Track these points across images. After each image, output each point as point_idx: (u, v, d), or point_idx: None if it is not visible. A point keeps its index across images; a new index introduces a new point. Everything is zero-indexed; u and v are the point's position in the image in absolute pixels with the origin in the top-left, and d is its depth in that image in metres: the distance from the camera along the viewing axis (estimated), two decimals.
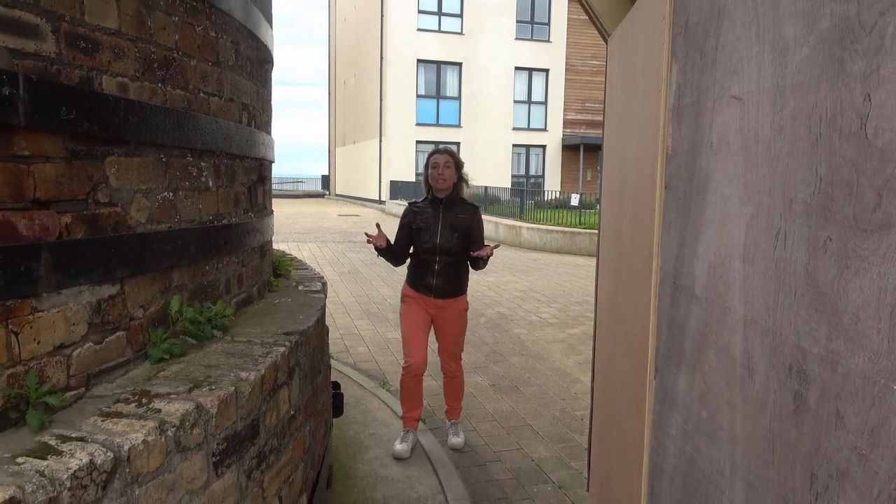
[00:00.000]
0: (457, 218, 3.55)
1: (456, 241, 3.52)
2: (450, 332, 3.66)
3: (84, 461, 1.14)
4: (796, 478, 1.16)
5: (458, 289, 3.64)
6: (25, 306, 1.32)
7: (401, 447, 3.56)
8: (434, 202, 3.60)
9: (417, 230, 3.55)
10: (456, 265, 3.57)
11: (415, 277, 3.62)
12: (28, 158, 1.36)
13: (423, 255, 3.55)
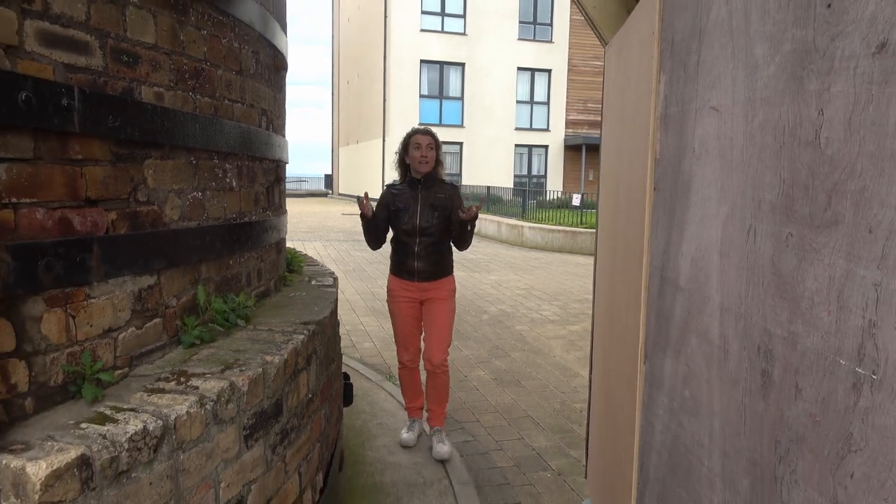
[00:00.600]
0: (436, 198, 3.47)
1: (437, 221, 3.43)
2: (438, 316, 3.53)
3: (138, 427, 1.30)
4: (763, 444, 1.32)
5: (443, 270, 3.55)
6: (80, 293, 1.48)
7: (407, 436, 3.67)
8: (412, 183, 3.52)
9: (396, 211, 3.48)
10: (437, 245, 3.48)
11: (397, 262, 3.57)
12: (81, 162, 1.53)
13: (403, 238, 3.49)
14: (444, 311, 3.54)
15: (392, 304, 3.61)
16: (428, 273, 3.49)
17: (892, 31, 0.97)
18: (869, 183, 1.03)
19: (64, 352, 1.43)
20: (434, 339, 3.55)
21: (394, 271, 3.61)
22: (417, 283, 3.50)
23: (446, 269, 3.59)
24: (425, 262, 3.47)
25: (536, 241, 14.62)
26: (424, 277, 3.49)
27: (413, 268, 3.48)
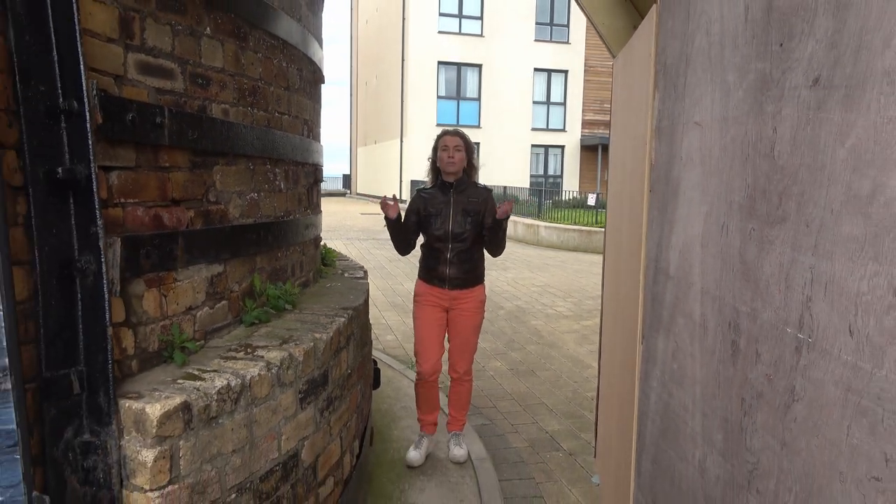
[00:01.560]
0: (469, 202, 3.33)
1: (469, 227, 3.30)
2: (465, 326, 3.42)
3: (223, 383, 1.62)
4: (732, 403, 1.60)
5: (475, 278, 3.42)
6: (170, 277, 1.80)
7: (414, 454, 3.46)
8: (444, 187, 3.38)
9: (427, 217, 3.34)
10: (470, 252, 3.35)
11: (427, 268, 3.42)
12: (168, 169, 1.85)
13: (435, 244, 3.34)
14: (471, 324, 3.43)
15: (418, 307, 3.46)
16: (460, 280, 3.36)
17: (822, 69, 1.26)
18: (806, 188, 1.31)
19: (158, 324, 1.75)
20: (460, 348, 3.46)
21: (423, 277, 3.46)
22: (448, 290, 3.36)
23: (478, 277, 3.46)
24: (457, 268, 3.33)
25: (552, 240, 14.86)
26: (456, 285, 3.36)
27: (444, 274, 3.34)
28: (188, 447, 1.51)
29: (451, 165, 3.33)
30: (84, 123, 1.44)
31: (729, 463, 1.62)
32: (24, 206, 1.40)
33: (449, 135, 3.42)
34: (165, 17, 1.84)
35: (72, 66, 1.44)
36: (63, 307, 1.44)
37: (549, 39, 25.66)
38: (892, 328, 1.08)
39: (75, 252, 1.46)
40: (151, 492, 1.43)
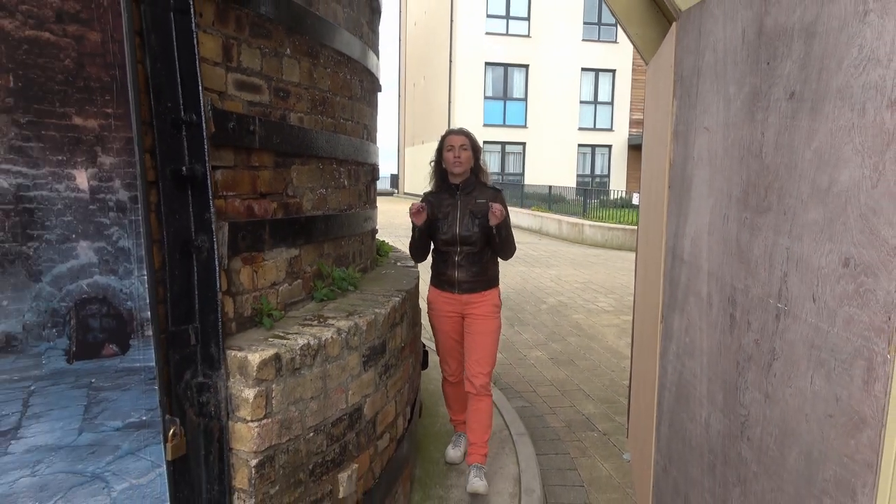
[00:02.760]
0: (476, 204, 3.19)
1: (478, 229, 3.16)
2: (480, 335, 3.23)
3: (304, 342, 1.99)
4: (730, 367, 1.88)
5: (486, 281, 3.28)
6: (259, 257, 2.19)
7: (453, 453, 3.52)
8: (450, 189, 3.27)
9: (435, 220, 3.23)
10: (479, 255, 3.22)
11: (437, 273, 3.34)
12: (257, 168, 2.23)
13: (443, 248, 3.25)
14: (487, 329, 3.25)
15: (432, 317, 3.41)
16: (469, 284, 3.23)
17: (796, 84, 1.54)
18: (784, 182, 1.59)
19: (251, 294, 2.14)
20: (475, 359, 3.23)
21: (434, 282, 3.39)
22: (458, 294, 3.25)
23: (490, 281, 3.31)
24: (466, 272, 3.23)
25: (596, 239, 15.00)
26: (466, 289, 3.24)
27: (453, 278, 3.24)
28: (279, 390, 1.88)
29: (457, 165, 3.20)
30: (201, 132, 1.82)
31: (727, 418, 1.90)
32: (156, 196, 1.79)
33: (454, 134, 3.28)
34: (256, 42, 2.22)
35: (192, 86, 1.83)
36: (183, 277, 1.83)
37: (596, 39, 25.66)
38: (841, 294, 1.36)
39: (193, 233, 1.84)
40: (252, 423, 1.81)
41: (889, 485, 1.25)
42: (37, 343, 1.47)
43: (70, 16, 1.54)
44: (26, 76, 1.47)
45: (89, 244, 1.55)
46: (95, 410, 1.55)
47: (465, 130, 3.34)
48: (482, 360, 3.23)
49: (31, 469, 1.44)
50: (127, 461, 1.59)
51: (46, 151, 1.49)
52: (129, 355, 1.62)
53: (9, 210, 1.43)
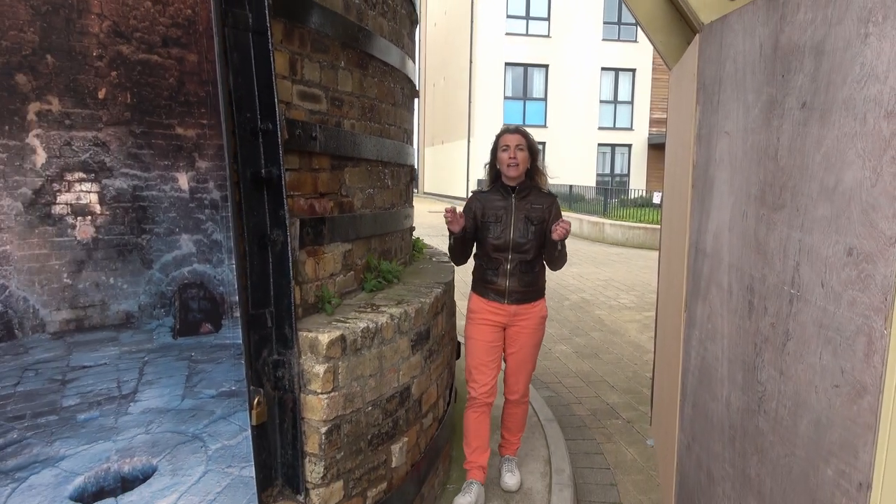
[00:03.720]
0: (532, 209, 3.02)
1: (532, 237, 3.00)
2: (525, 344, 3.08)
3: (364, 325, 2.22)
4: (748, 348, 2.08)
5: (536, 291, 3.10)
6: (320, 250, 2.43)
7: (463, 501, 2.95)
8: (504, 191, 3.05)
9: (486, 223, 3.03)
10: (532, 264, 3.03)
11: (483, 281, 3.09)
12: (317, 170, 2.47)
13: (493, 254, 3.02)
14: (532, 342, 3.11)
15: (471, 325, 3.11)
16: (520, 294, 3.03)
17: (807, 96, 1.74)
18: (798, 182, 1.79)
19: (313, 284, 2.38)
20: (519, 368, 3.13)
21: (478, 290, 3.13)
22: (507, 305, 3.03)
23: (540, 291, 3.13)
24: (518, 281, 3.01)
25: (617, 238, 15.12)
26: (516, 299, 3.03)
27: (504, 288, 3.02)
28: (344, 367, 2.12)
29: (512, 168, 2.98)
30: (276, 139, 2.07)
31: (746, 395, 2.10)
32: (238, 195, 2.04)
33: (510, 133, 3.05)
34: (316, 56, 2.46)
35: (268, 98, 2.07)
36: (261, 266, 2.07)
37: (616, 38, 25.71)
38: (846, 279, 1.56)
39: (268, 228, 2.09)
40: (321, 395, 2.05)
41: (886, 443, 1.46)
42: (149, 321, 1.72)
43: (173, 40, 1.79)
44: (140, 93, 1.72)
45: (189, 237, 1.80)
46: (195, 380, 1.79)
47: (522, 129, 3.08)
48: (525, 373, 3.13)
49: (145, 427, 1.69)
50: (220, 425, 1.84)
51: (155, 157, 1.74)
52: (221, 333, 1.86)
53: (127, 207, 1.68)
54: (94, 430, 1.57)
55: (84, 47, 1.58)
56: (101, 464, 1.58)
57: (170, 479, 1.69)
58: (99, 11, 1.60)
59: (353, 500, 2.22)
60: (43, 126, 1.53)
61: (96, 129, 1.62)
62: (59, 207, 1.57)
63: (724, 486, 2.28)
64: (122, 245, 1.66)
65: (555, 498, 3.04)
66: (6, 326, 1.47)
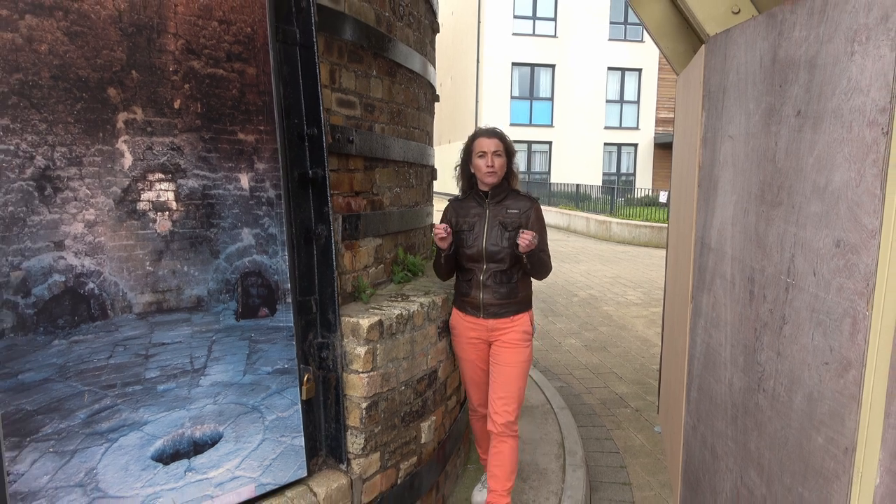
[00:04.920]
0: (507, 214, 2.76)
1: (507, 244, 2.71)
2: (506, 362, 2.76)
3: (399, 312, 2.44)
4: (749, 333, 2.29)
5: (516, 304, 2.80)
6: (356, 244, 2.65)
7: (479, 497, 3.05)
8: (478, 196, 2.86)
9: (460, 233, 2.80)
10: (508, 274, 2.76)
11: (460, 293, 2.86)
12: (353, 171, 2.69)
13: (467, 264, 2.80)
14: (514, 360, 2.78)
15: (454, 342, 2.92)
16: (497, 308, 2.77)
17: (802, 105, 1.95)
18: (794, 182, 2.00)
19: (351, 275, 2.60)
20: (499, 394, 2.77)
21: (457, 304, 2.90)
22: (484, 319, 2.77)
23: (521, 305, 2.83)
24: (493, 293, 2.76)
25: (623, 236, 15.31)
26: (492, 313, 2.77)
27: (478, 301, 2.77)
28: (381, 349, 2.34)
29: (490, 176, 2.77)
30: (321, 142, 2.29)
31: (747, 376, 2.31)
32: (286, 194, 2.26)
33: (485, 136, 2.82)
34: (352, 66, 2.68)
35: (313, 106, 2.29)
36: (306, 259, 2.29)
37: (622, 38, 25.88)
38: (834, 268, 1.77)
39: (313, 224, 2.31)
40: (362, 374, 2.27)
41: (868, 411, 1.66)
42: (216, 305, 1.94)
43: (236, 55, 2.01)
44: (208, 103, 1.94)
45: (249, 230, 2.02)
46: (254, 358, 2.02)
47: (499, 131, 2.87)
48: (507, 396, 2.76)
49: (213, 399, 1.91)
50: (275, 398, 2.06)
51: (221, 160, 1.97)
52: (276, 317, 2.09)
53: (198, 204, 1.90)
54: (171, 400, 1.79)
55: (162, 63, 1.80)
56: (177, 429, 1.80)
57: (233, 444, 1.90)
58: (174, 31, 1.82)
59: (388, 471, 2.44)
60: (129, 133, 1.75)
61: (172, 135, 1.84)
62: (143, 204, 1.79)
63: (727, 461, 2.49)
64: (194, 237, 1.88)
65: (568, 477, 3.25)
66: (100, 307, 1.69)
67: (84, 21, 1.69)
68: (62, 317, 1.64)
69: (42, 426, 1.60)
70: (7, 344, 1.55)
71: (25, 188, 1.59)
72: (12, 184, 1.57)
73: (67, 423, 1.64)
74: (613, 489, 3.42)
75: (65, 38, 1.66)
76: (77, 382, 1.65)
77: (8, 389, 1.55)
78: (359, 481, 2.28)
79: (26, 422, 1.58)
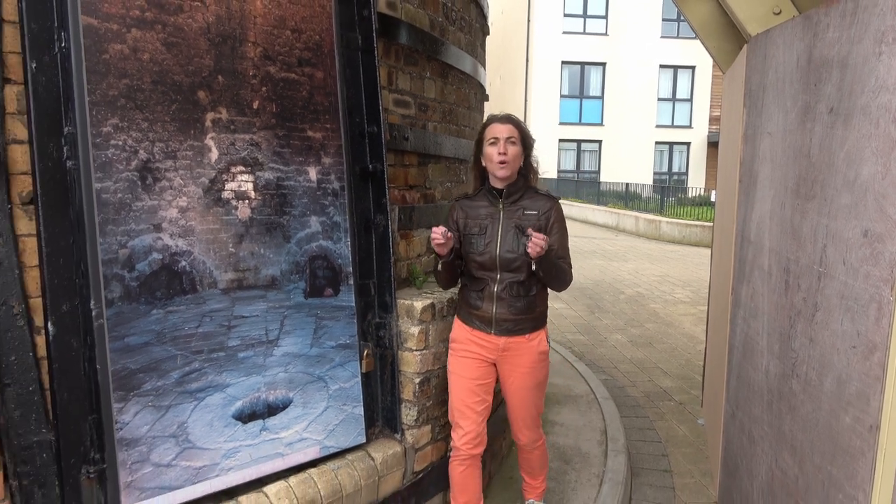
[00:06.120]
0: (525, 216, 2.43)
1: (524, 250, 2.33)
2: (520, 387, 2.50)
3: (448, 296, 2.63)
4: (784, 321, 2.39)
5: (533, 321, 2.48)
6: (411, 234, 2.85)
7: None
8: (491, 194, 2.49)
9: (469, 236, 2.47)
10: (526, 285, 2.42)
11: (467, 305, 2.49)
12: (408, 166, 2.89)
13: (477, 273, 2.45)
14: (531, 384, 2.51)
15: (452, 357, 2.53)
16: (511, 324, 2.44)
17: (834, 102, 2.05)
18: (826, 176, 2.10)
19: (405, 262, 2.81)
20: (520, 414, 2.58)
21: (461, 316, 2.54)
22: (495, 336, 2.44)
23: (538, 321, 2.51)
24: (508, 307, 2.42)
25: (673, 236, 15.16)
26: (506, 329, 2.44)
27: (489, 315, 2.43)
28: (433, 329, 2.54)
29: (502, 167, 2.39)
30: (380, 139, 2.49)
31: (781, 362, 2.41)
32: (349, 186, 2.47)
33: (499, 121, 2.46)
34: (407, 68, 2.89)
35: (373, 105, 2.50)
36: (366, 246, 2.51)
37: (675, 35, 25.47)
38: (862, 257, 1.87)
39: (372, 214, 2.52)
40: (415, 352, 2.47)
41: (891, 391, 1.76)
42: (288, 284, 2.17)
43: (306, 61, 2.24)
44: (282, 104, 2.17)
45: (317, 218, 2.25)
46: (320, 332, 2.24)
47: (514, 117, 2.51)
48: (528, 416, 2.57)
49: (284, 367, 2.14)
50: (338, 370, 2.28)
51: (293, 155, 2.19)
52: (339, 297, 2.30)
53: (273, 194, 2.14)
54: (249, 366, 2.02)
55: (243, 68, 2.04)
56: (254, 392, 2.03)
57: (301, 409, 2.13)
58: (254, 40, 2.05)
59: (438, 444, 2.64)
60: (216, 130, 1.99)
61: (252, 132, 2.07)
62: (227, 193, 2.02)
63: (763, 446, 2.59)
64: (269, 223, 2.11)
65: (610, 461, 3.39)
66: (191, 282, 1.93)
67: (179, 33, 1.94)
68: (159, 290, 1.89)
69: (143, 383, 1.85)
70: (116, 311, 1.81)
71: (131, 178, 1.85)
72: (121, 174, 1.83)
73: (163, 382, 1.89)
74: (654, 475, 3.54)
75: (163, 48, 1.91)
76: (171, 347, 1.90)
77: (116, 350, 1.80)
78: (411, 450, 2.48)
79: (130, 379, 1.83)
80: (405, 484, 2.48)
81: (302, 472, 2.17)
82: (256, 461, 2.06)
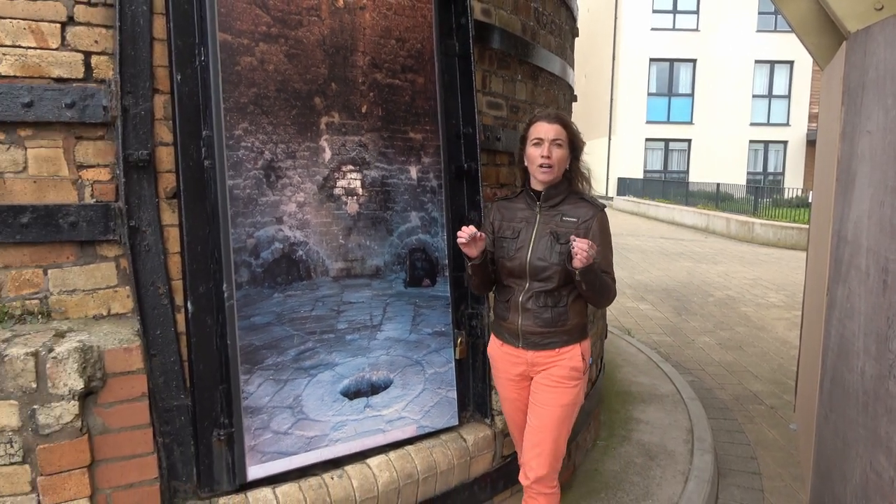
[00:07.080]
0: (562, 223, 2.20)
1: (557, 258, 2.15)
2: (544, 403, 2.23)
3: None
4: (881, 322, 2.36)
5: (564, 335, 2.22)
6: None
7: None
8: (529, 197, 2.29)
9: (501, 239, 2.28)
10: (556, 296, 2.20)
11: (497, 316, 2.35)
12: (499, 165, 3.03)
13: (506, 280, 2.27)
14: (553, 402, 2.22)
15: (495, 379, 2.43)
16: (538, 337, 2.22)
17: None
18: None
19: None
20: (532, 440, 2.25)
21: (494, 329, 2.39)
22: (523, 350, 2.25)
23: (570, 335, 2.24)
24: (534, 318, 2.21)
25: (767, 238, 14.53)
26: (532, 343, 2.23)
27: (516, 327, 2.25)
28: None
29: (543, 171, 2.20)
30: (475, 140, 2.64)
31: (878, 363, 2.38)
32: (446, 184, 2.63)
33: (546, 120, 2.23)
34: (500, 72, 3.02)
35: (468, 108, 2.65)
36: None
37: (772, 29, 24.32)
38: None
39: (466, 210, 2.67)
40: None
41: None
42: (390, 274, 2.35)
43: (408, 67, 2.41)
44: (387, 108, 2.35)
45: (416, 214, 2.42)
46: (418, 320, 2.41)
47: (563, 116, 2.30)
48: (541, 444, 2.22)
49: (385, 351, 2.32)
50: (433, 356, 2.45)
51: (396, 155, 2.37)
52: (435, 287, 2.47)
53: (378, 191, 2.32)
54: (356, 348, 2.21)
55: (353, 76, 2.23)
56: (359, 372, 2.22)
57: (400, 390, 2.31)
58: (363, 50, 2.24)
59: None
60: (329, 133, 2.19)
61: (360, 134, 2.26)
62: (338, 190, 2.22)
63: (857, 448, 2.56)
64: (374, 218, 2.30)
65: (696, 460, 3.39)
66: (306, 270, 2.14)
67: (299, 45, 2.16)
68: (280, 276, 2.12)
69: (265, 358, 2.08)
70: (244, 293, 2.04)
71: (258, 175, 2.08)
72: (249, 172, 2.06)
73: (282, 358, 2.11)
74: (742, 477, 3.51)
75: (285, 59, 2.14)
76: (289, 327, 2.12)
77: (244, 328, 2.04)
78: (500, 435, 2.62)
79: (255, 354, 2.06)
80: (494, 466, 2.61)
81: (400, 448, 2.34)
82: (360, 435, 2.25)
